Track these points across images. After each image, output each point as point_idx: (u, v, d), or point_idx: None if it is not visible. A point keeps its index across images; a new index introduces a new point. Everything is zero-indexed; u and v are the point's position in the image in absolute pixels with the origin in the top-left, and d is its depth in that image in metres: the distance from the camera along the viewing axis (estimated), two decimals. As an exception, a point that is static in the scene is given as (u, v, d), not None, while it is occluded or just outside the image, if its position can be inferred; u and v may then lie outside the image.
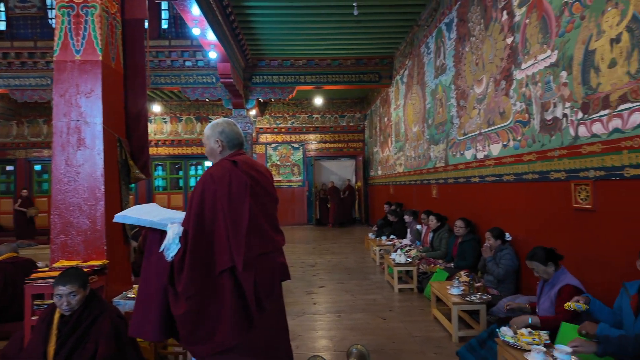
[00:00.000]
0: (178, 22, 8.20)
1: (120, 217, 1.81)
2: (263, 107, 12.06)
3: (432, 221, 5.28)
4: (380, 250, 6.30)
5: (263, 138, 12.49)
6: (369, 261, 6.73)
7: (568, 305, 2.13)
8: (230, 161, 1.75)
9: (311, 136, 12.63)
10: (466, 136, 4.95)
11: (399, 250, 5.17)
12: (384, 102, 10.01)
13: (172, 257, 1.65)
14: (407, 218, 6.61)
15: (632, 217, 2.45)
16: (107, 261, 2.63)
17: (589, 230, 2.81)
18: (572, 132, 2.98)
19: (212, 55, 6.52)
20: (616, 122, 2.56)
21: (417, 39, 7.01)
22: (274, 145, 12.53)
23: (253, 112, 10.60)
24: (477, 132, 4.63)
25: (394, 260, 4.88)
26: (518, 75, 3.72)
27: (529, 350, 2.06)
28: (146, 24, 3.53)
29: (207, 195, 1.65)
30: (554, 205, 3.18)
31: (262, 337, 1.80)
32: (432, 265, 4.71)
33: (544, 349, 2.02)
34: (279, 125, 12.53)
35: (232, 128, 1.88)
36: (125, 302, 2.50)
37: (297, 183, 12.51)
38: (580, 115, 2.89)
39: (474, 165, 4.69)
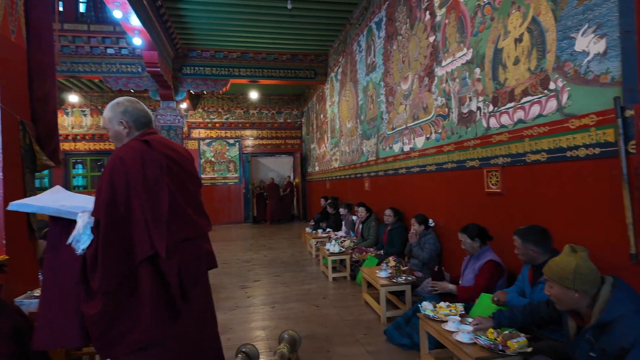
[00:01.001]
0: (98, 6, 7.56)
1: (17, 205, 1.59)
2: (195, 101, 11.59)
3: (362, 212, 5.47)
4: (316, 243, 6.38)
5: (196, 133, 11.99)
6: (305, 254, 6.78)
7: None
8: (141, 141, 1.63)
9: (248, 132, 12.40)
10: (394, 130, 5.19)
11: (333, 241, 5.28)
12: (320, 99, 10.15)
13: (83, 250, 1.50)
14: (342, 211, 6.78)
15: (532, 197, 2.75)
16: (7, 257, 2.34)
17: (499, 212, 3.10)
18: (484, 123, 3.26)
19: (137, 41, 6.10)
20: (520, 114, 2.86)
21: (350, 37, 7.21)
22: (207, 140, 12.10)
23: (184, 105, 10.13)
24: (404, 126, 4.88)
25: (328, 250, 4.97)
26: (439, 72, 3.99)
27: (446, 321, 2.22)
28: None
29: (117, 180, 1.51)
30: (470, 191, 3.46)
31: (188, 328, 1.72)
32: (364, 253, 4.88)
33: (459, 319, 2.20)
34: (213, 120, 12.12)
35: (136, 106, 1.75)
36: (30, 301, 2.24)
37: (233, 180, 12.21)
38: (491, 108, 3.18)
39: (401, 158, 4.94)
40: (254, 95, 11.52)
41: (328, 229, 6.94)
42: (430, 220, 3.99)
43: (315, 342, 2.96)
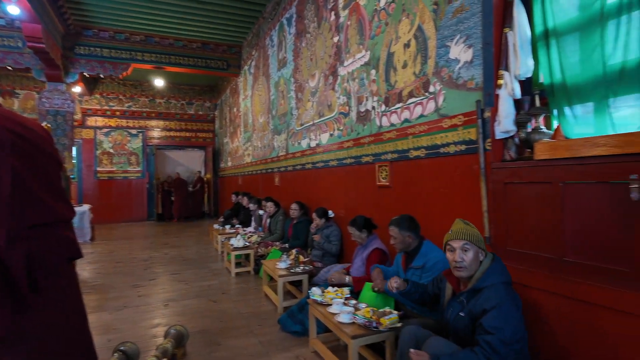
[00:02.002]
0: (-36, -37, 6.38)
1: None
2: (92, 85, 10.45)
3: (270, 207, 5.47)
4: (223, 239, 6.21)
5: (91, 121, 10.81)
6: (211, 251, 6.56)
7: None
8: None
9: (153, 122, 11.55)
10: (303, 126, 5.29)
11: (238, 236, 5.20)
12: (234, 92, 9.91)
13: None
14: (251, 206, 6.70)
15: (414, 190, 3.01)
16: None
17: (388, 203, 3.34)
18: (377, 122, 3.49)
19: (13, 10, 5.29)
20: (406, 114, 3.11)
21: (263, 31, 7.15)
22: (105, 130, 10.98)
23: (78, 89, 9.09)
24: (311, 122, 5.00)
25: (232, 245, 4.87)
26: (341, 71, 4.16)
27: (332, 304, 2.33)
28: None
29: None
30: (365, 184, 3.68)
31: (45, 323, 1.54)
32: (269, 247, 4.88)
33: (343, 301, 2.31)
34: (113, 108, 11.05)
35: None
36: None
37: (135, 174, 11.28)
38: (383, 107, 3.41)
39: (308, 153, 5.05)
40: (159, 82, 10.75)
41: (237, 225, 6.80)
42: (330, 212, 4.15)
43: (207, 336, 2.87)
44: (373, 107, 3.56)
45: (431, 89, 2.82)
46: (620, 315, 1.68)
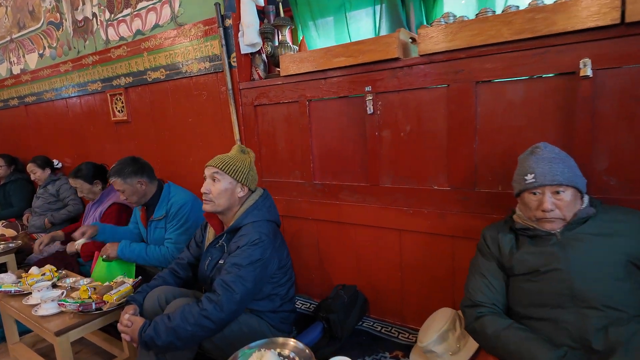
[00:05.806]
0: None
1: None
2: None
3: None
4: None
5: None
6: None
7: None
8: None
9: None
10: (-3, 44, 3.65)
11: None
12: None
13: None
14: None
15: (157, 122, 2.42)
16: None
17: (128, 143, 2.63)
18: (103, 35, 2.60)
19: None
20: (137, 23, 2.38)
21: None
22: None
23: None
24: (8, 38, 3.47)
25: None
26: (41, -42, 2.90)
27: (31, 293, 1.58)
28: None
29: None
30: (97, 121, 2.81)
31: None
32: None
33: (49, 284, 1.60)
34: None
35: None
36: None
37: None
38: (108, 15, 2.54)
39: (9, 84, 3.54)
40: None
41: None
42: (56, 161, 3.08)
43: None
44: (94, 15, 2.62)
45: (163, -11, 2.19)
46: (361, 227, 1.72)
